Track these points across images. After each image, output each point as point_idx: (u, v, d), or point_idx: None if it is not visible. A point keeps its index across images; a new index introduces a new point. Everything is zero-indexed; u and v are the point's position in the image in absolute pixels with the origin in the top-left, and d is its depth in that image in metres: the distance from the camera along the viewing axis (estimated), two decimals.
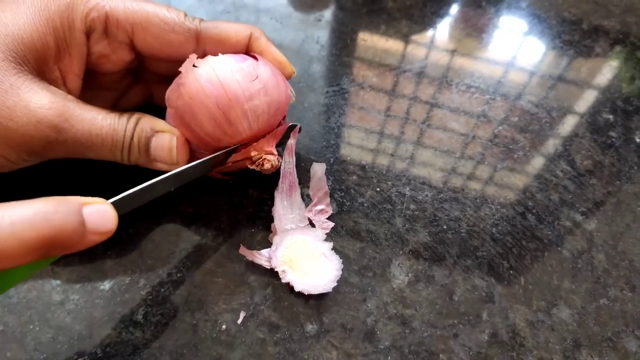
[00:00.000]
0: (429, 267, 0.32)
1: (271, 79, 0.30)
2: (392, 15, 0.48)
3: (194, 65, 0.28)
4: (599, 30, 0.49)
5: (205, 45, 0.31)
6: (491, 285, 0.31)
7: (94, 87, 0.32)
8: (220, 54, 0.29)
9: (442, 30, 0.48)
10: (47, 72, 0.27)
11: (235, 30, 0.31)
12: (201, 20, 0.30)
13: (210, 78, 0.28)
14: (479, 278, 0.31)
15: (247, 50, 0.32)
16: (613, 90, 0.44)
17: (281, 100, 0.31)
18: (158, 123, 0.29)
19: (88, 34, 0.28)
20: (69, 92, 0.29)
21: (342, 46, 0.45)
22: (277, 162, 0.31)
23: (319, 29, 0.47)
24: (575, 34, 0.48)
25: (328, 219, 0.33)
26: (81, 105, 0.27)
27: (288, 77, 0.33)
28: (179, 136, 0.29)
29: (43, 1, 0.27)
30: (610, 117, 0.42)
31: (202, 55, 0.31)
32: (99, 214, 0.23)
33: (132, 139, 0.28)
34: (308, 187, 0.34)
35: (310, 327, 0.29)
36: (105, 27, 0.29)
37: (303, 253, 0.31)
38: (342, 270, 0.31)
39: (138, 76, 0.35)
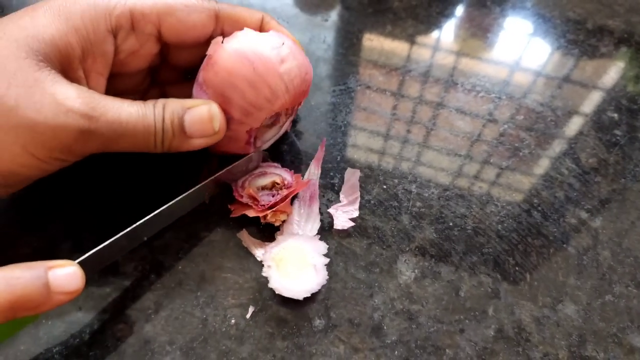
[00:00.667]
0: (435, 264, 0.32)
1: (294, 45, 0.31)
2: (398, 15, 0.49)
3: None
4: (604, 30, 0.49)
5: (223, 25, 0.31)
6: (497, 281, 0.32)
7: (115, 92, 0.32)
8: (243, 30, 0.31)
9: (448, 30, 0.48)
10: (71, 71, 0.28)
11: (249, 12, 0.32)
12: (216, 1, 0.31)
13: (243, 49, 0.29)
14: (484, 274, 0.32)
15: (260, 31, 0.33)
16: (618, 89, 0.44)
17: (308, 65, 0.32)
18: (187, 101, 0.29)
19: (115, 33, 0.29)
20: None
21: (348, 46, 0.46)
22: (287, 217, 0.33)
23: (325, 29, 0.47)
24: (580, 34, 0.49)
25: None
26: (106, 97, 0.27)
27: None
28: (216, 105, 0.29)
29: (62, 3, 0.27)
30: (615, 115, 0.42)
31: (220, 34, 0.32)
32: (64, 276, 0.24)
33: (163, 122, 0.28)
34: (335, 190, 0.35)
35: (318, 322, 0.29)
36: (131, 22, 0.29)
37: (295, 258, 0.31)
38: (349, 266, 0.31)
39: (154, 79, 0.35)
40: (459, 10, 0.51)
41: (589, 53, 0.47)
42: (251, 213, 0.32)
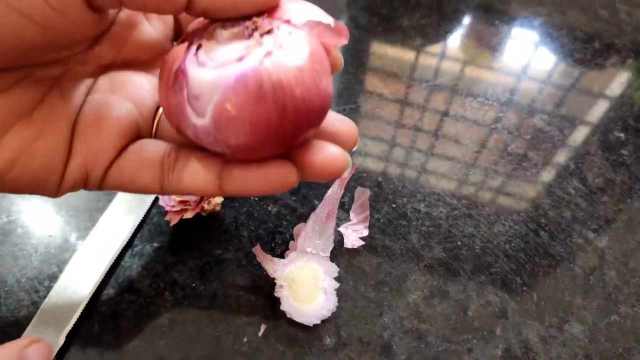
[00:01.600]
0: (444, 283, 0.33)
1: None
2: (407, 34, 0.50)
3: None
4: (611, 49, 0.50)
5: None
6: (505, 300, 0.32)
7: None
8: None
9: (456, 48, 0.49)
10: None
11: None
12: None
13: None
14: (492, 294, 0.32)
15: None
16: (624, 109, 0.44)
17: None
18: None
19: None
20: None
21: (359, 64, 0.46)
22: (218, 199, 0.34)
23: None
24: (587, 52, 0.49)
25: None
26: None
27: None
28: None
29: None
30: (622, 135, 0.42)
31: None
32: (36, 352, 0.25)
33: None
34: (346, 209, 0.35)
35: (329, 341, 0.30)
36: None
37: (308, 279, 0.31)
38: (358, 285, 0.32)
39: None
40: (467, 28, 0.51)
41: (596, 71, 0.48)
42: (189, 214, 0.32)
